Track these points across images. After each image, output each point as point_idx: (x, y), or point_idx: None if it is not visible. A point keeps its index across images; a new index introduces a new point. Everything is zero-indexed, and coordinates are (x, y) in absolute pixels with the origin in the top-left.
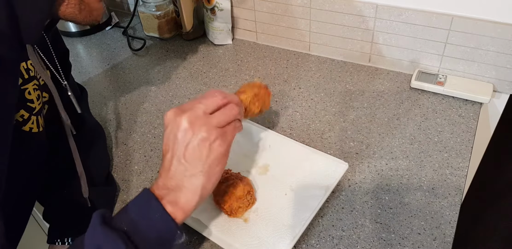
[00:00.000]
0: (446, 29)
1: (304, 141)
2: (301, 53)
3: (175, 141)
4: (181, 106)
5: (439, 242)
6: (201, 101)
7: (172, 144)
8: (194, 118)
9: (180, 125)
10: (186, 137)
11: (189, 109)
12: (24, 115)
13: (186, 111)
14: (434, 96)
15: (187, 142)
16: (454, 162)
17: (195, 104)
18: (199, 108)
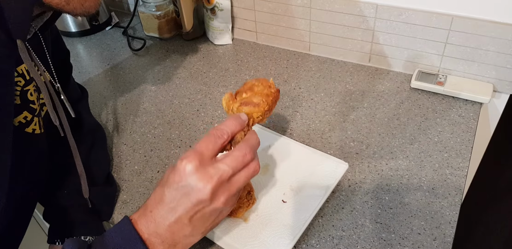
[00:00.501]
0: (446, 29)
1: (304, 141)
2: (301, 53)
3: (186, 200)
4: (204, 161)
5: (439, 242)
6: (229, 163)
7: (181, 200)
8: (217, 187)
9: (200, 191)
10: (201, 204)
11: (215, 173)
12: (27, 117)
13: (212, 176)
14: (434, 96)
15: (200, 208)
16: (454, 162)
17: (223, 166)
18: (225, 173)
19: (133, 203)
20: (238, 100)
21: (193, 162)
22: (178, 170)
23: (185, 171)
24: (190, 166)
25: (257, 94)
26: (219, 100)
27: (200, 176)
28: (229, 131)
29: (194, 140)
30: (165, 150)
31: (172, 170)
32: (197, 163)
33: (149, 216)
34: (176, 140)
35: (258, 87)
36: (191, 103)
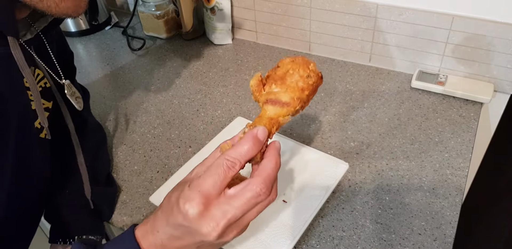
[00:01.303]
0: (447, 29)
1: (304, 141)
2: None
3: (191, 238)
4: (209, 203)
5: (440, 242)
6: (239, 206)
7: (185, 237)
8: (223, 231)
9: (206, 236)
10: (206, 242)
11: (222, 218)
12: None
13: (219, 222)
14: (435, 96)
15: (205, 244)
16: (454, 162)
17: (232, 209)
18: (234, 217)
19: (133, 203)
20: (265, 94)
21: (196, 207)
22: (181, 212)
23: (188, 216)
24: (193, 211)
25: (290, 89)
26: (219, 100)
27: (205, 222)
28: (242, 160)
29: (194, 140)
30: (165, 150)
31: (176, 206)
32: (201, 208)
33: (155, 235)
34: (176, 140)
35: (293, 77)
36: (191, 103)
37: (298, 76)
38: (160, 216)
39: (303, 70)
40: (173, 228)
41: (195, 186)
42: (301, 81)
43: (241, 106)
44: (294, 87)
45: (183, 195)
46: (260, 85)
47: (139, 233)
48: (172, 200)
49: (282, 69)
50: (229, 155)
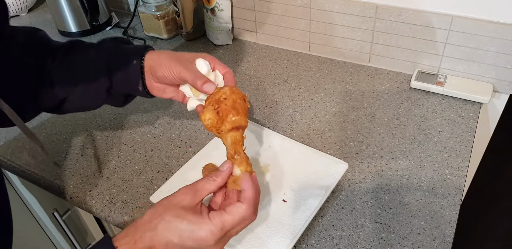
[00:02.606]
0: (446, 29)
1: (304, 141)
2: (301, 53)
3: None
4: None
5: (439, 242)
6: (237, 227)
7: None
8: (219, 241)
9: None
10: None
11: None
12: None
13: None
14: (434, 97)
15: (189, 245)
16: (454, 162)
17: (232, 230)
18: (233, 233)
19: (133, 203)
20: (229, 123)
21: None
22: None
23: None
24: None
25: (242, 113)
26: None
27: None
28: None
29: (194, 140)
30: (165, 150)
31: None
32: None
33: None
34: (176, 140)
35: (239, 104)
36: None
37: (241, 103)
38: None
39: (241, 96)
40: (178, 247)
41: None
42: (243, 105)
43: None
44: (243, 112)
45: (203, 225)
46: (217, 117)
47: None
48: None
49: (230, 100)
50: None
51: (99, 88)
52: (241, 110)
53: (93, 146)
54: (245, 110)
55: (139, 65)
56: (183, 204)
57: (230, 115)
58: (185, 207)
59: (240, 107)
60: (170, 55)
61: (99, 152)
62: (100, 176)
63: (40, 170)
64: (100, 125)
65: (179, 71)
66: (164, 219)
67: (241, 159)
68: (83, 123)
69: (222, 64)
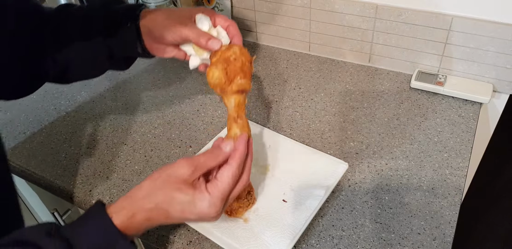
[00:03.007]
0: (446, 29)
1: (304, 141)
2: (301, 53)
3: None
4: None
5: (439, 242)
6: (234, 192)
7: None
8: (220, 210)
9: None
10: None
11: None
12: None
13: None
14: (434, 97)
15: (191, 218)
16: (454, 162)
17: (230, 197)
18: (232, 199)
19: None
20: (235, 84)
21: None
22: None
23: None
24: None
25: (248, 77)
26: (219, 100)
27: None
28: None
29: (194, 140)
30: (165, 150)
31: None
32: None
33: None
34: (176, 140)
35: (247, 67)
36: (191, 103)
37: (249, 66)
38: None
39: (249, 59)
40: (177, 220)
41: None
42: (250, 69)
43: None
44: (249, 76)
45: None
46: (225, 77)
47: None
48: (181, 197)
49: (239, 61)
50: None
51: (98, 55)
52: (248, 73)
53: (93, 146)
54: (251, 74)
55: (134, 28)
56: (183, 178)
57: (238, 77)
58: (185, 181)
59: (248, 70)
60: (167, 14)
61: (99, 152)
62: (100, 176)
63: (40, 170)
64: (100, 125)
65: (180, 31)
66: (165, 193)
67: (243, 123)
68: (83, 123)
69: (222, 16)
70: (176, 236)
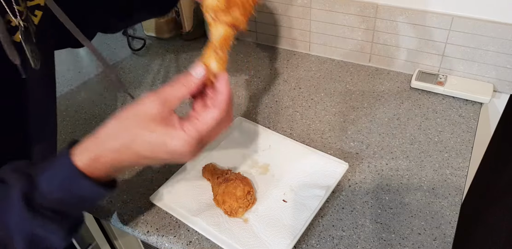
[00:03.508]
0: (446, 29)
1: (304, 141)
2: (301, 53)
3: (152, 152)
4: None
5: (439, 242)
6: (212, 133)
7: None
8: (195, 150)
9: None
10: (166, 156)
11: (204, 142)
12: None
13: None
14: (434, 96)
15: (163, 157)
16: (454, 162)
17: (207, 138)
18: (210, 140)
19: (133, 202)
20: (231, 16)
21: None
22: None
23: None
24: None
25: (246, 16)
26: None
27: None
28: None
29: None
30: None
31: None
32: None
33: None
34: None
35: (249, 5)
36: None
37: (251, 5)
38: (121, 149)
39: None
40: (149, 160)
41: (192, 130)
42: (251, 9)
43: (241, 106)
44: (247, 16)
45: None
46: (225, 4)
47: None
48: (150, 135)
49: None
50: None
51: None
52: (248, 12)
53: None
54: (249, 14)
55: None
56: (152, 114)
57: (237, 11)
58: (155, 118)
59: (248, 8)
60: None
61: None
62: None
63: None
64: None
65: None
66: (132, 133)
67: (223, 58)
68: (83, 123)
69: None
70: (176, 236)
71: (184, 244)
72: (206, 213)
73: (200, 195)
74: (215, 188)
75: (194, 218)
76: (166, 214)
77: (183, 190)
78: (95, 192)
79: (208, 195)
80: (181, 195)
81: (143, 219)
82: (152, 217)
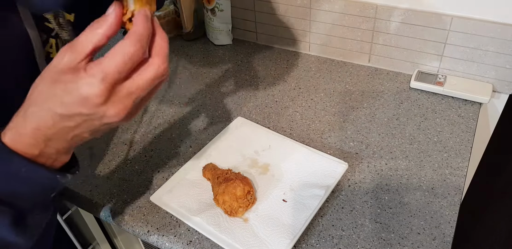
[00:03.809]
0: (446, 30)
1: (304, 141)
2: (301, 53)
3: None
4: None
5: (439, 241)
6: (146, 87)
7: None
8: (130, 109)
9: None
10: (78, 108)
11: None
12: None
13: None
14: (434, 97)
15: (77, 110)
16: (453, 162)
17: (142, 92)
18: (140, 98)
19: (134, 202)
20: None
21: (103, 95)
22: (83, 100)
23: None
24: (100, 99)
25: None
26: (219, 100)
27: (112, 107)
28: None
29: (194, 140)
30: (166, 150)
31: (70, 95)
32: (107, 94)
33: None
34: (177, 140)
35: None
36: (192, 103)
37: None
38: (36, 112)
39: None
40: (67, 118)
41: (96, 70)
42: None
43: (241, 106)
44: None
45: (79, 81)
46: None
47: (7, 139)
48: (59, 87)
49: None
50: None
51: None
52: None
53: (93, 146)
54: None
55: None
56: (60, 66)
57: None
58: (63, 69)
59: None
60: None
61: (99, 152)
62: (100, 176)
63: None
64: None
65: None
66: (40, 90)
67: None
68: None
69: None
70: (176, 236)
71: (185, 244)
72: (206, 213)
73: (200, 194)
74: (215, 187)
75: (194, 218)
76: (167, 214)
77: (183, 190)
78: (34, 171)
79: (208, 195)
80: (181, 195)
81: (143, 219)
82: (152, 217)
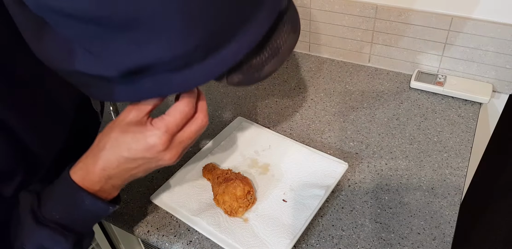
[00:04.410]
0: (446, 30)
1: (304, 141)
2: (301, 54)
3: (129, 151)
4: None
5: (439, 241)
6: (186, 130)
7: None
8: (173, 147)
9: (147, 145)
10: (143, 154)
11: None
12: None
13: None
14: (434, 97)
15: (141, 155)
16: (453, 162)
17: (181, 134)
18: (185, 138)
19: (134, 202)
20: None
21: (164, 144)
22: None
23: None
24: (161, 147)
25: None
26: (219, 100)
27: (169, 152)
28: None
29: None
30: None
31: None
32: (167, 144)
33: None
34: None
35: None
36: None
37: None
38: (105, 155)
39: None
40: (131, 161)
41: (160, 124)
42: None
43: (241, 106)
44: None
45: (146, 132)
46: None
47: (77, 176)
48: (128, 136)
49: None
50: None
51: None
52: None
53: None
54: None
55: None
56: (127, 120)
57: None
58: (130, 122)
59: None
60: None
61: None
62: None
63: None
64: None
65: None
66: (110, 137)
67: None
68: None
69: None
70: (176, 236)
71: (185, 244)
72: (206, 213)
73: (200, 194)
74: (215, 187)
75: (194, 218)
76: (167, 214)
77: (183, 190)
78: (94, 204)
79: (208, 195)
80: (181, 195)
81: (143, 219)
82: (152, 217)
